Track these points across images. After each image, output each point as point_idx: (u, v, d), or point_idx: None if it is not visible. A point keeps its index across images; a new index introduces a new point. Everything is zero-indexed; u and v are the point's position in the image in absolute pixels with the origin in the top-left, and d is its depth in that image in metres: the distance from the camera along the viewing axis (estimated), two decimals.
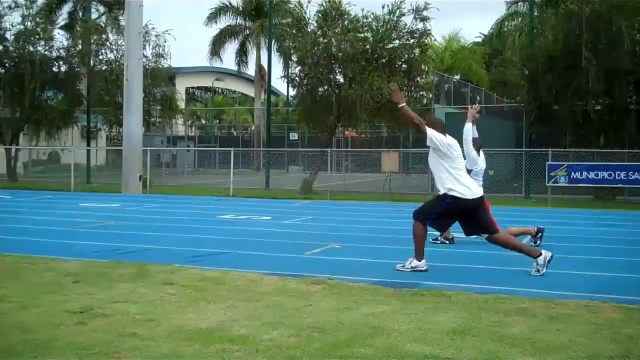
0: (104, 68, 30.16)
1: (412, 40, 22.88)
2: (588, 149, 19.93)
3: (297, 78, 24.71)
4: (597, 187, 19.78)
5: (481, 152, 10.71)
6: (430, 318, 5.73)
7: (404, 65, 23.08)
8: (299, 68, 24.25)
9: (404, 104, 7.96)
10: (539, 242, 10.24)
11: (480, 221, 8.06)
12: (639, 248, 10.59)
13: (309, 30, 23.42)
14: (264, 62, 42.90)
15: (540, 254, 7.92)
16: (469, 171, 10.11)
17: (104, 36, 31.07)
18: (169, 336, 5.09)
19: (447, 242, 10.77)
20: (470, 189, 7.95)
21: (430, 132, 7.92)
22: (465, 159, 9.07)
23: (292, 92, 42.65)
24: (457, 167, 8.02)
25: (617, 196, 20.22)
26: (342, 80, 23.61)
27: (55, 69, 29.43)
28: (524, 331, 5.34)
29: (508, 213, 15.30)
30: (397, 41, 22.86)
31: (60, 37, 30.70)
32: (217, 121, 65.65)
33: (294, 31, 23.63)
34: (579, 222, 14.78)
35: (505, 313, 5.93)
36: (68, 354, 4.65)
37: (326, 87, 24.03)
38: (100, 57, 30.42)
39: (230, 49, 47.45)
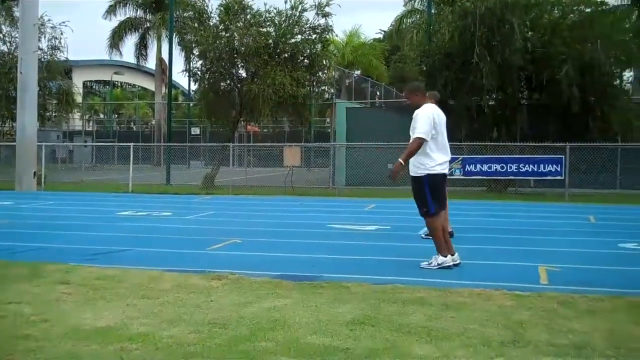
0: None
1: (314, 36, 23.07)
2: (482, 143, 20.62)
3: (198, 72, 24.46)
4: (490, 179, 20.54)
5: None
6: (330, 310, 5.82)
7: (306, 60, 23.24)
8: (200, 62, 24.01)
9: (401, 160, 7.87)
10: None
11: (443, 193, 8.22)
12: (528, 237, 11.05)
13: (211, 24, 23.22)
14: (165, 56, 42.29)
15: (452, 256, 8.04)
16: None
17: None
18: (64, 337, 4.97)
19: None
20: (437, 161, 7.97)
21: (424, 134, 7.86)
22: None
23: (193, 87, 42.23)
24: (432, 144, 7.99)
25: (508, 187, 21.04)
26: (244, 74, 23.57)
27: None
28: (420, 320, 5.49)
29: (405, 205, 15.60)
30: (299, 36, 23.00)
31: None
32: (116, 116, 64.18)
33: (196, 25, 23.37)
34: (474, 213, 15.28)
35: (402, 303, 6.08)
36: None
37: (228, 81, 23.90)
38: None
39: (130, 42, 46.68)
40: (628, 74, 27.88)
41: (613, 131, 21.07)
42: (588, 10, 22.74)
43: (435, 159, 7.94)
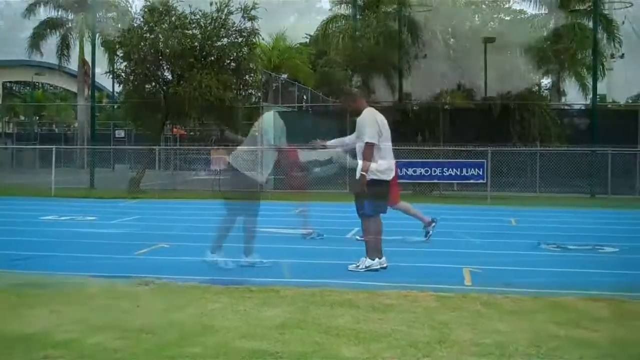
0: None
1: (241, 39, 22.99)
2: (407, 147, 20.94)
3: (123, 74, 24.03)
4: (415, 183, 20.90)
5: None
6: (259, 314, 5.84)
7: (232, 64, 23.14)
8: (125, 64, 23.59)
9: (364, 173, 7.96)
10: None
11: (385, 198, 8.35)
12: (452, 239, 11.33)
13: (135, 25, 22.87)
14: (88, 57, 41.35)
15: (379, 259, 8.15)
16: None
17: None
18: None
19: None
20: (380, 167, 8.14)
21: (373, 139, 7.99)
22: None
23: (118, 89, 41.42)
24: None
25: (433, 191, 21.43)
26: (170, 77, 23.28)
27: None
28: (348, 322, 5.56)
29: (334, 209, 15.78)
30: (225, 39, 22.88)
31: None
32: (37, 118, 62.39)
33: (119, 25, 22.97)
34: (399, 215, 15.46)
35: (331, 305, 6.14)
36: None
37: (153, 83, 23.57)
38: None
39: (52, 42, 45.31)
40: (546, 81, 28.89)
41: (532, 135, 21.74)
42: (507, 18, 23.49)
43: (379, 165, 8.07)
